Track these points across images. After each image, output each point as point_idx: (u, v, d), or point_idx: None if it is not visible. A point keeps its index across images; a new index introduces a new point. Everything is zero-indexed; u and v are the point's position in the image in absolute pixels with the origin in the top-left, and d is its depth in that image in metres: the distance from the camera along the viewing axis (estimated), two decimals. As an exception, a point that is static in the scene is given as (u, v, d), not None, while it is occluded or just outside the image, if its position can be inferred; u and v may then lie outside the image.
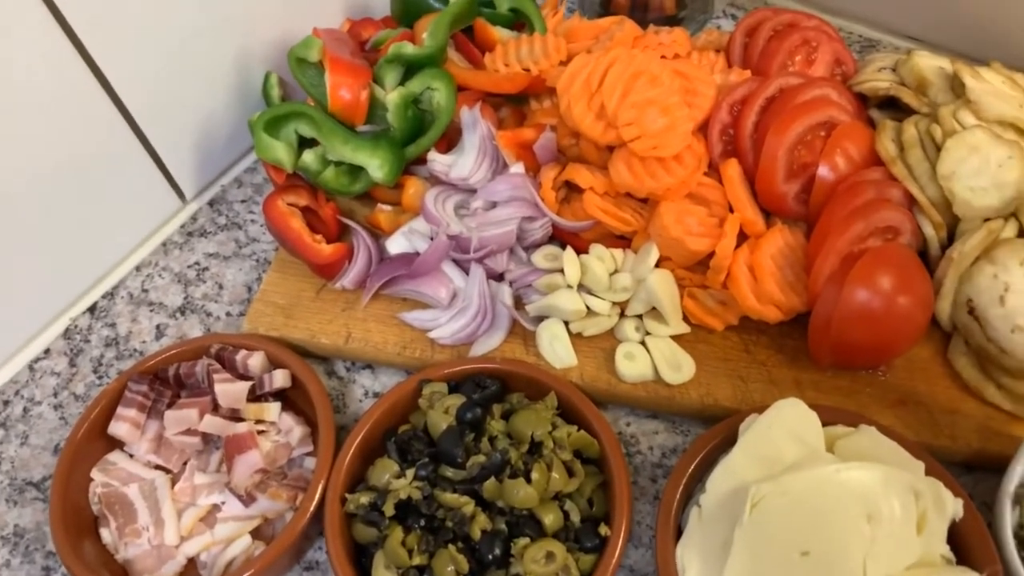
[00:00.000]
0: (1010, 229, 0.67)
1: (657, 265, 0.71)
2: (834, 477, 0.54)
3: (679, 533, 0.59)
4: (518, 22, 0.90)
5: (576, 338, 0.72)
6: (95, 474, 0.67)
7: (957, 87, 0.73)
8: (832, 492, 0.54)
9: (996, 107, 0.70)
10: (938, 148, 0.69)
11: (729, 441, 0.62)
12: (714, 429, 0.63)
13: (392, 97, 0.75)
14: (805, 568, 0.53)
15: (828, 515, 0.53)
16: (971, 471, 0.66)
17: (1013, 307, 0.65)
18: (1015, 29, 0.87)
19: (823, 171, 0.70)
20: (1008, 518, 0.58)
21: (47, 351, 0.78)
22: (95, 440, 0.68)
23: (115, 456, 0.69)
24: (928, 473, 0.58)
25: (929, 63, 0.76)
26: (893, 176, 0.70)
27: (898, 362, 0.69)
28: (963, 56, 0.92)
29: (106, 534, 0.65)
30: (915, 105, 0.75)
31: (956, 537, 0.57)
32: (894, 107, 0.78)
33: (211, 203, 0.90)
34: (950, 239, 0.70)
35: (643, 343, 0.71)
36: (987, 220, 0.68)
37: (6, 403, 0.75)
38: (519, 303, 0.74)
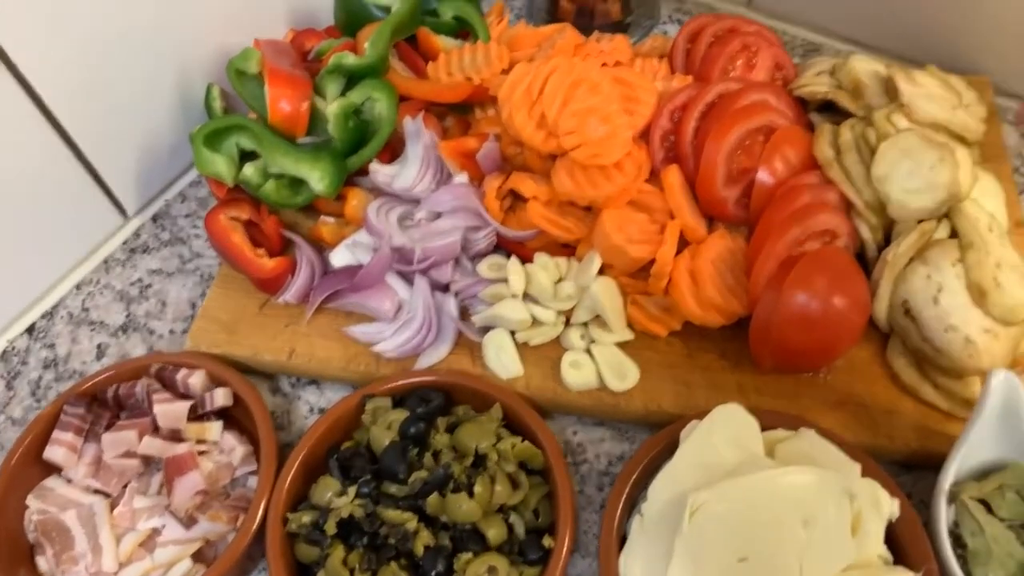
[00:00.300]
0: (943, 230, 0.68)
1: (600, 273, 0.71)
2: (770, 482, 0.55)
3: (624, 542, 0.60)
4: (462, 30, 0.90)
5: (522, 348, 0.72)
6: (31, 501, 0.65)
7: (891, 91, 0.74)
8: (768, 497, 0.54)
9: (929, 110, 0.72)
10: (873, 151, 0.70)
11: (672, 447, 0.62)
12: (656, 436, 0.63)
13: (333, 108, 0.75)
14: (744, 573, 0.53)
15: (765, 520, 0.54)
16: (910, 470, 0.67)
17: (946, 307, 0.66)
18: (951, 33, 0.89)
19: (762, 176, 0.71)
20: (943, 516, 0.59)
21: (-17, 374, 0.77)
22: (30, 466, 0.66)
23: (52, 482, 0.67)
24: (865, 474, 0.58)
25: (865, 67, 0.77)
26: (830, 179, 0.71)
27: (839, 364, 0.70)
28: (903, 59, 0.94)
29: (42, 562, 0.63)
30: (852, 108, 0.76)
31: (894, 536, 0.58)
32: (833, 111, 0.79)
33: (155, 218, 0.88)
34: (887, 241, 0.71)
35: (588, 351, 0.71)
36: (921, 222, 0.69)
37: (-60, 429, 0.73)
38: (465, 314, 0.74)
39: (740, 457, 0.58)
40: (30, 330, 0.79)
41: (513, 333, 0.72)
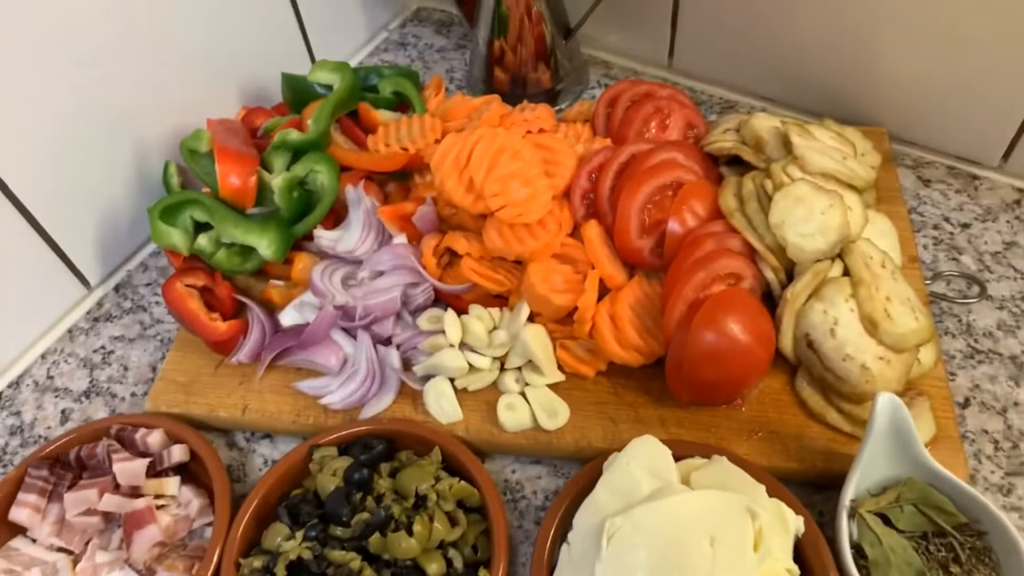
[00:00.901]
0: (836, 269, 0.75)
1: (530, 320, 0.77)
2: (680, 506, 0.60)
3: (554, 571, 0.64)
4: (402, 104, 0.97)
5: (461, 393, 0.77)
6: (-4, 561, 0.69)
7: (787, 144, 0.82)
8: (678, 519, 0.59)
9: (819, 161, 0.79)
10: (771, 200, 0.77)
11: (597, 480, 0.67)
12: (582, 470, 0.69)
13: (277, 182, 0.81)
14: (658, 592, 0.58)
15: (675, 541, 0.58)
16: (821, 490, 0.72)
17: (842, 338, 0.72)
18: (852, 89, 0.98)
19: (672, 226, 0.77)
20: (845, 529, 0.64)
21: (-49, 444, 0.80)
22: (-4, 528, 0.70)
23: (17, 542, 0.71)
24: (771, 494, 0.64)
25: (764, 123, 0.85)
26: (733, 227, 0.78)
27: (752, 394, 0.76)
28: (810, 113, 1.03)
29: (7, 620, 0.67)
30: (754, 162, 0.83)
31: (801, 552, 0.63)
32: (741, 163, 0.87)
33: (117, 288, 0.93)
34: (790, 280, 0.78)
35: (523, 393, 0.76)
36: (817, 262, 0.76)
37: (-92, 499, 0.76)
38: (408, 365, 0.79)
39: (655, 484, 0.63)
40: (-4, 400, 0.83)
41: (452, 380, 0.77)
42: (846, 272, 0.76)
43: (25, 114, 0.77)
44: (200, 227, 0.84)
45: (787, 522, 0.62)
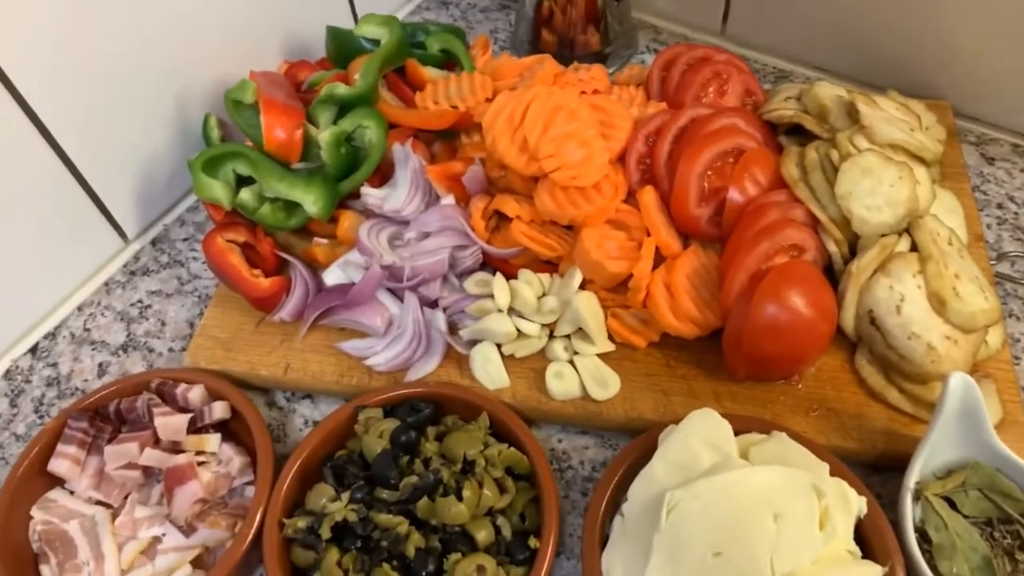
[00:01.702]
0: (903, 244, 0.72)
1: (582, 287, 0.75)
2: (743, 480, 0.58)
3: (606, 542, 0.62)
4: (448, 62, 0.94)
5: (508, 360, 0.75)
6: (35, 512, 0.68)
7: (853, 114, 0.79)
8: (741, 494, 0.57)
9: (887, 132, 0.76)
10: (836, 171, 0.74)
11: (650, 453, 0.65)
12: (635, 442, 0.67)
13: (325, 136, 0.79)
14: (718, 568, 0.56)
15: (737, 516, 0.56)
16: (879, 472, 0.70)
17: (908, 316, 0.69)
18: (912, 60, 0.94)
19: (732, 194, 0.75)
20: (909, 513, 0.62)
21: (-13, 393, 0.79)
22: (35, 478, 0.68)
23: (55, 494, 0.69)
24: (833, 474, 0.62)
25: (828, 92, 0.82)
26: (797, 198, 0.75)
27: (809, 371, 0.73)
28: (866, 85, 0.99)
29: (46, 571, 0.65)
30: (816, 131, 0.80)
31: (862, 533, 0.61)
32: (800, 133, 0.84)
33: (154, 242, 0.91)
34: (852, 254, 0.75)
35: (571, 362, 0.74)
36: (883, 236, 0.73)
37: (-55, 446, 0.76)
38: (453, 328, 0.77)
39: (715, 458, 0.61)
40: (33, 350, 0.82)
41: (499, 346, 0.75)
42: (913, 248, 0.73)
43: (69, 61, 0.75)
44: (242, 181, 0.82)
45: (850, 502, 0.60)
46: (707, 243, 0.77)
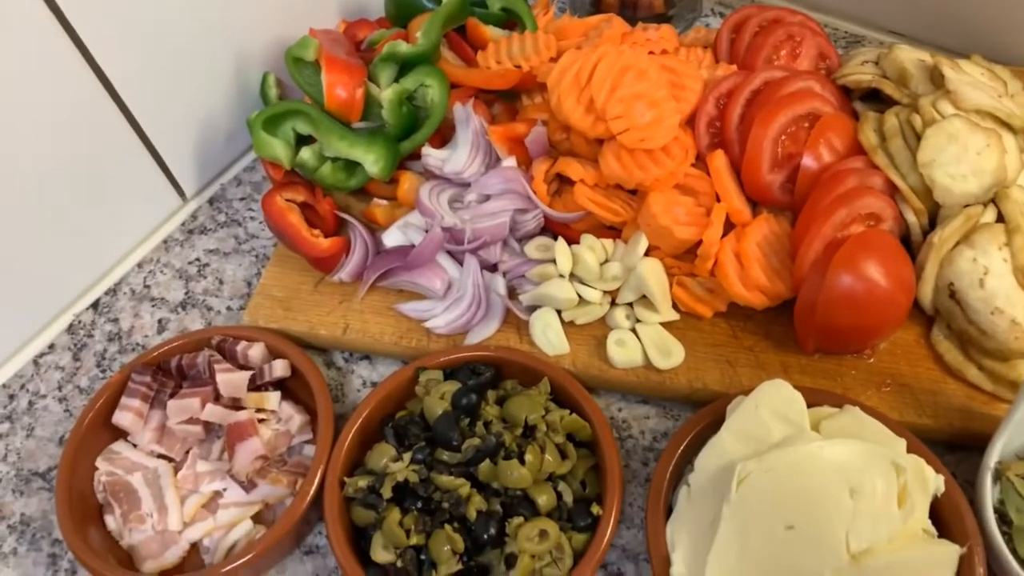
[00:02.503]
0: (989, 215, 0.69)
1: (647, 254, 0.73)
2: (817, 453, 0.56)
3: (669, 513, 0.61)
4: (509, 21, 0.92)
5: (568, 326, 0.74)
6: (100, 463, 0.68)
7: (937, 78, 0.75)
8: (816, 468, 0.55)
9: (974, 97, 0.72)
10: (918, 137, 0.71)
11: (717, 424, 0.63)
12: (702, 412, 0.65)
13: (387, 94, 0.77)
14: (790, 541, 0.54)
15: (812, 490, 0.55)
16: (954, 451, 0.68)
17: (992, 290, 0.66)
18: (994, 24, 0.90)
19: (807, 161, 0.72)
20: (989, 493, 0.60)
21: (51, 346, 0.80)
22: (99, 430, 0.69)
23: (119, 446, 0.70)
24: (910, 451, 0.59)
25: (910, 56, 0.78)
26: (875, 165, 0.72)
27: (882, 345, 0.71)
28: (945, 50, 0.95)
29: (111, 521, 0.66)
30: (896, 96, 0.77)
31: (938, 513, 0.59)
32: (877, 99, 0.80)
33: (211, 201, 0.91)
34: (931, 225, 0.72)
35: (633, 330, 0.73)
36: (967, 206, 0.69)
37: (12, 397, 0.77)
38: (512, 293, 0.76)
39: (787, 430, 0.59)
40: (95, 305, 0.83)
41: (559, 312, 0.74)
42: (999, 219, 0.69)
43: (134, 17, 0.75)
44: (302, 140, 0.81)
45: (927, 480, 0.58)
46: (778, 211, 0.75)
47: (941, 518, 0.59)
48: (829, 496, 0.54)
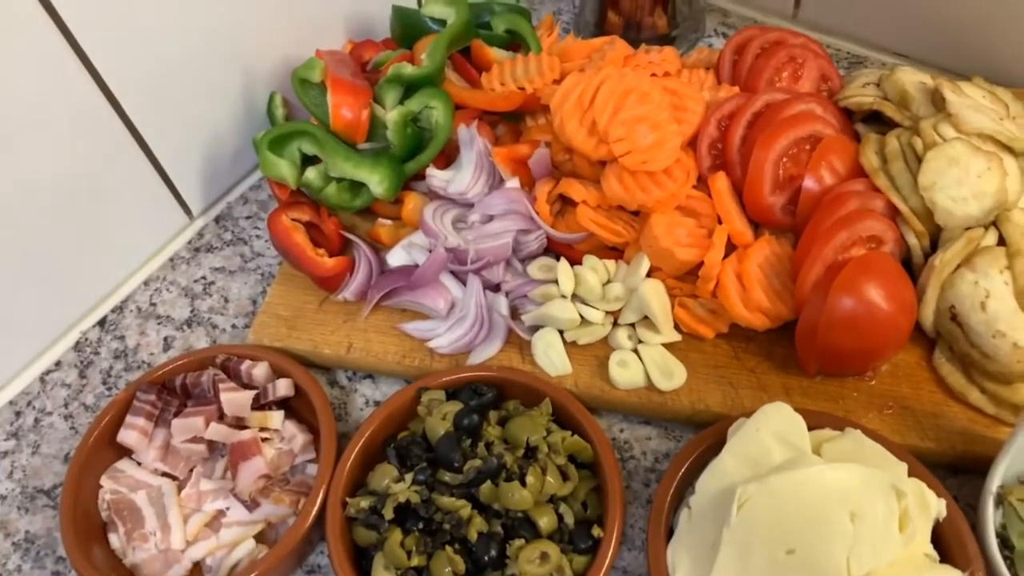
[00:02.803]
0: (990, 238, 0.69)
1: (648, 275, 0.73)
2: (818, 477, 0.56)
3: (670, 535, 0.61)
4: (514, 43, 0.93)
5: (570, 346, 0.74)
6: (104, 481, 0.69)
7: (938, 101, 0.75)
8: (816, 492, 0.55)
9: (975, 120, 0.73)
10: (919, 160, 0.71)
11: (718, 445, 0.63)
12: (704, 433, 0.65)
13: (392, 116, 0.78)
14: (791, 565, 0.54)
15: (812, 514, 0.55)
16: (956, 474, 0.68)
17: (994, 313, 0.66)
18: (996, 45, 0.90)
19: (808, 183, 0.72)
20: (991, 517, 0.59)
21: (58, 363, 0.81)
22: (104, 448, 0.70)
23: (123, 464, 0.71)
24: (911, 474, 0.59)
25: (911, 78, 0.79)
26: (876, 187, 0.72)
27: (884, 368, 0.71)
28: (947, 71, 0.95)
29: (114, 539, 0.67)
30: (898, 119, 0.77)
31: (940, 537, 0.59)
32: (879, 121, 0.81)
33: (217, 219, 0.92)
34: (933, 248, 0.72)
35: (635, 351, 0.73)
36: (968, 229, 0.70)
37: (18, 414, 0.77)
38: (515, 313, 0.77)
39: (788, 453, 0.59)
40: (101, 323, 0.84)
41: (561, 332, 0.74)
42: (1000, 242, 0.70)
43: (140, 35, 0.76)
44: (307, 161, 0.82)
45: (928, 504, 0.58)
46: (779, 232, 0.75)
47: (943, 543, 0.59)
48: (830, 520, 0.54)
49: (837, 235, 0.68)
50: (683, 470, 0.63)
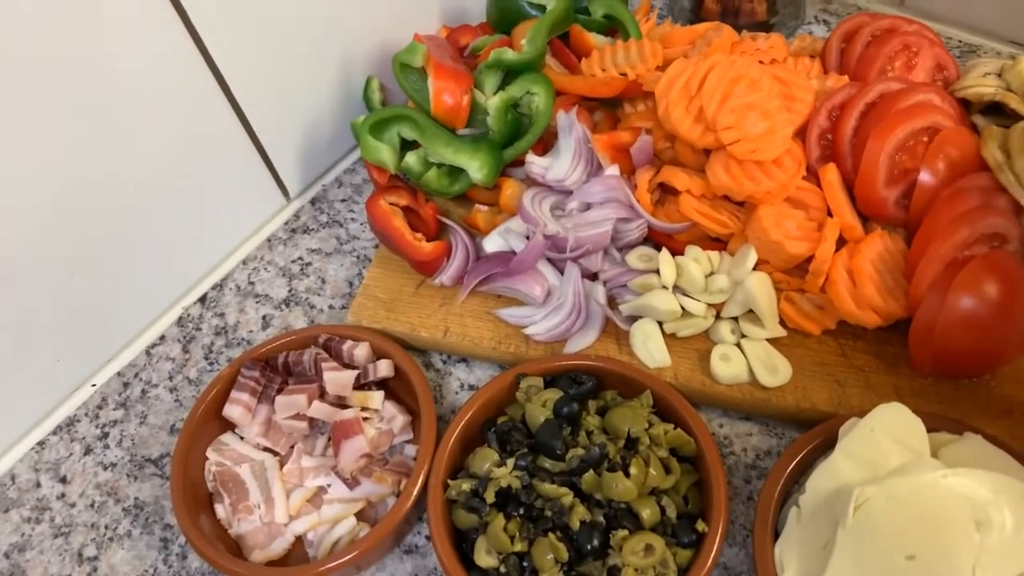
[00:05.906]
0: (1126, 238, 0.65)
1: (755, 268, 0.72)
2: (941, 482, 0.54)
3: (775, 533, 0.60)
4: (611, 28, 0.92)
5: (669, 339, 0.73)
6: (210, 453, 0.71)
7: (1068, 93, 0.72)
8: (939, 497, 0.53)
9: (1111, 113, 0.69)
10: (1048, 155, 0.68)
11: (827, 444, 0.62)
12: (813, 431, 0.63)
13: (493, 101, 0.78)
14: (910, 572, 0.52)
15: (935, 520, 0.53)
16: (1080, 485, 0.64)
17: None
18: None
19: (925, 176, 0.69)
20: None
21: (163, 337, 0.83)
22: (210, 421, 0.72)
23: (227, 437, 0.73)
24: (1036, 483, 0.57)
25: (1037, 68, 0.75)
26: (999, 183, 0.69)
27: (1005, 371, 0.68)
28: (1070, 62, 0.90)
29: (220, 509, 0.69)
30: (1022, 111, 0.73)
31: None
32: (998, 113, 0.77)
33: (313, 201, 0.94)
34: (1059, 248, 0.68)
35: (738, 345, 0.71)
36: (1101, 228, 0.66)
37: (126, 385, 0.80)
38: (612, 302, 0.76)
39: (905, 456, 0.57)
40: (203, 299, 0.86)
41: (661, 324, 0.73)
42: None
43: (249, 23, 0.77)
44: (405, 145, 0.82)
45: (1056, 516, 0.55)
46: (891, 227, 0.72)
47: (1070, 556, 0.56)
48: (954, 527, 0.52)
49: (958, 232, 0.65)
50: (791, 467, 0.62)
